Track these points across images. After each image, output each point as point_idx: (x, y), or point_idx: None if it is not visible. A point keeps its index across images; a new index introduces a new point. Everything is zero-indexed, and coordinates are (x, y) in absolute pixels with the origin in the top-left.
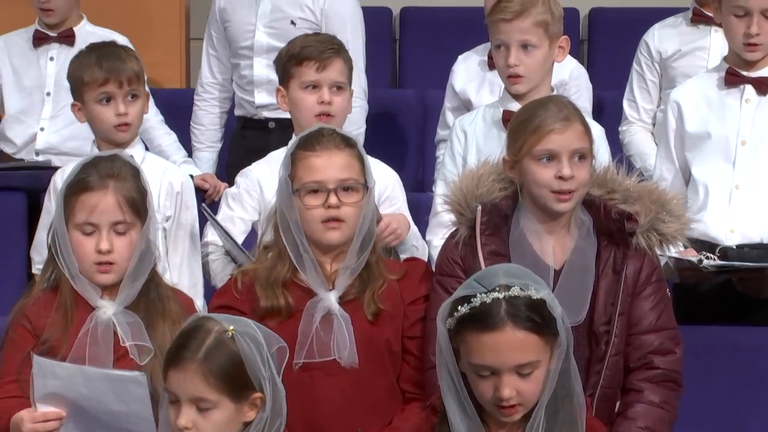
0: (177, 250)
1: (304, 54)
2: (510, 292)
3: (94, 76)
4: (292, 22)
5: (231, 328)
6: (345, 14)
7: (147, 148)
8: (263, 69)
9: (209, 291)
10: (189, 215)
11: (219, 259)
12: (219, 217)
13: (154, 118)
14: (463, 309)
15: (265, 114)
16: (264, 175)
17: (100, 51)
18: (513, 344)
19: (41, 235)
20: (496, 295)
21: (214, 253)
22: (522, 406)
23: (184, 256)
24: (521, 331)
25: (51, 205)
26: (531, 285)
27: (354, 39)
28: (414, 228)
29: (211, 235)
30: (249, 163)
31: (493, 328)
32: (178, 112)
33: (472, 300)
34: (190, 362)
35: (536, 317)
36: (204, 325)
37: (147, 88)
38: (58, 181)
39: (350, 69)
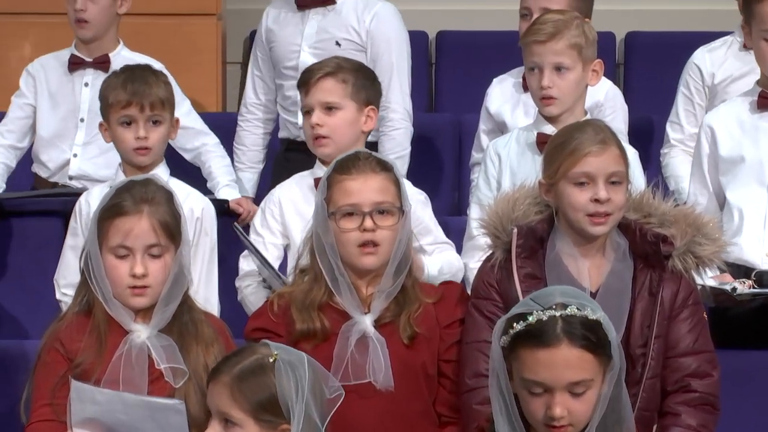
0: (194, 275)
1: (297, 83)
2: (567, 311)
3: (117, 98)
4: (337, 43)
5: (275, 353)
6: (390, 36)
7: (171, 171)
8: None
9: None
10: (207, 241)
11: (256, 292)
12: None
13: (210, 141)
14: (518, 326)
15: None
16: (285, 195)
17: (129, 73)
18: (568, 361)
19: (68, 258)
20: (552, 312)
21: (251, 285)
22: (572, 427)
23: (200, 282)
24: (576, 348)
25: (77, 227)
26: (587, 306)
27: (399, 61)
28: (432, 267)
29: (247, 265)
30: None
31: (548, 344)
32: (216, 135)
33: (528, 317)
34: (224, 376)
35: (592, 336)
36: (254, 346)
37: (194, 115)
38: (83, 203)
39: (354, 86)
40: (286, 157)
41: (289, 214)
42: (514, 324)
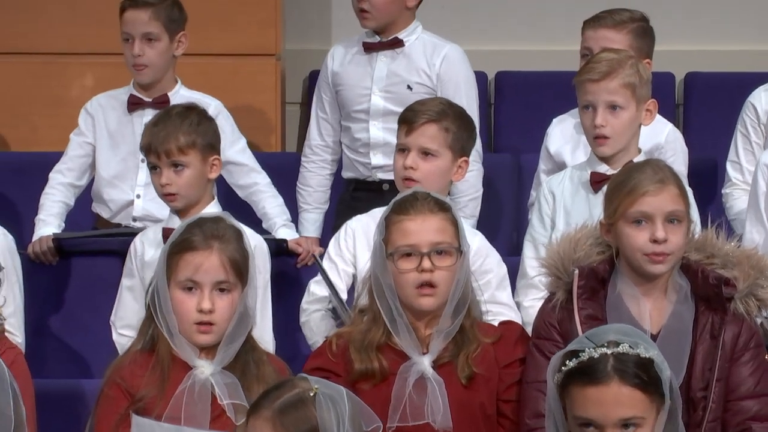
0: None
1: (399, 118)
2: (619, 349)
3: (142, 144)
4: (409, 87)
5: (316, 387)
6: (460, 79)
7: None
8: (379, 132)
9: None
10: (260, 279)
11: (322, 319)
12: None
13: (262, 181)
14: (570, 363)
15: (380, 175)
16: (360, 227)
17: (157, 119)
18: (618, 399)
19: (124, 299)
20: (604, 350)
21: (320, 311)
22: None
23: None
24: (627, 386)
25: (132, 267)
26: (641, 344)
27: (469, 103)
28: None
29: (319, 291)
30: None
31: (598, 381)
32: (274, 175)
33: (580, 354)
34: (265, 410)
35: (643, 375)
36: (293, 380)
37: (248, 153)
38: (138, 244)
39: (455, 135)
40: (352, 197)
41: (360, 247)
42: (567, 361)
